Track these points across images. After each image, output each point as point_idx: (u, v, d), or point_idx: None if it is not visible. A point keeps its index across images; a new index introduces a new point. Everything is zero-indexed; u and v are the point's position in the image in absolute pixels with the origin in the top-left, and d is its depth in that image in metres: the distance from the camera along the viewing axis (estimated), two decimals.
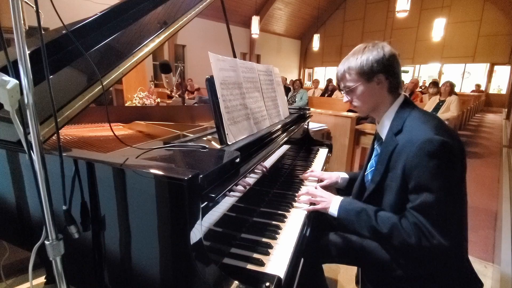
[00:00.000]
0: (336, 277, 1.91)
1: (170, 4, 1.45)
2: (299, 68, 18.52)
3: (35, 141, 0.68)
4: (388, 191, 1.01)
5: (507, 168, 3.64)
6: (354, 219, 1.02)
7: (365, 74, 1.01)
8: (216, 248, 0.85)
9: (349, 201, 1.09)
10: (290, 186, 1.42)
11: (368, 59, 0.99)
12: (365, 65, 1.00)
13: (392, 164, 0.98)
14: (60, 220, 0.77)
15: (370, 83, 1.02)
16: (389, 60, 1.00)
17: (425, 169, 0.87)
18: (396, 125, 1.01)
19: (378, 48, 1.00)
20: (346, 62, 1.05)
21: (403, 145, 0.95)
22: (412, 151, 0.90)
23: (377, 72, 1.00)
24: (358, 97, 1.06)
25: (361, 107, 1.09)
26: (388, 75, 1.02)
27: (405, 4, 6.14)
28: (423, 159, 0.87)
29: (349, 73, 1.04)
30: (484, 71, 13.39)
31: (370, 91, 1.03)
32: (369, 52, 1.00)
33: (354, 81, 1.04)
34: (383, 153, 1.03)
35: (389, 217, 0.96)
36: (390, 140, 1.01)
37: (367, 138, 3.16)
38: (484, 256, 2.19)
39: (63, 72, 1.07)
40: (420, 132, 0.92)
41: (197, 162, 0.88)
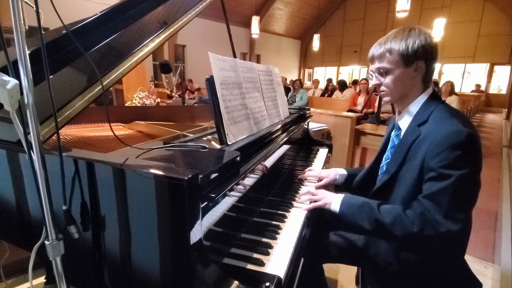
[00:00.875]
0: (336, 277, 1.91)
1: (170, 4, 1.45)
2: (299, 68, 18.52)
3: (35, 141, 0.68)
4: (402, 183, 0.99)
5: (507, 168, 3.64)
6: (356, 213, 1.01)
7: (407, 58, 0.96)
8: (216, 248, 0.85)
9: (351, 196, 1.08)
10: (290, 186, 1.42)
11: (415, 43, 0.95)
12: (410, 48, 0.95)
13: (410, 155, 0.96)
14: (60, 220, 0.77)
15: (408, 68, 0.98)
16: (434, 49, 0.98)
17: (448, 159, 0.86)
18: (421, 116, 0.98)
19: (426, 35, 0.97)
20: (387, 43, 0.99)
21: (425, 136, 0.93)
22: (436, 141, 0.88)
23: (419, 58, 0.96)
24: (392, 81, 1.01)
25: (391, 92, 1.03)
26: (428, 63, 0.98)
27: (405, 4, 6.13)
28: (447, 149, 0.86)
29: (391, 53, 0.98)
30: (484, 71, 13.39)
31: (406, 76, 0.99)
32: (415, 36, 0.96)
33: (394, 62, 0.98)
34: (402, 144, 1.01)
35: (393, 208, 0.96)
36: (412, 130, 0.99)
37: (367, 138, 3.15)
38: (484, 256, 2.19)
39: (63, 72, 1.07)
40: (448, 123, 0.90)
41: (197, 162, 0.88)
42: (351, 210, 1.03)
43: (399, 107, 1.10)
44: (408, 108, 1.04)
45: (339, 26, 16.40)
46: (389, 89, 1.03)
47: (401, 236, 0.91)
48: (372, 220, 0.97)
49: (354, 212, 1.02)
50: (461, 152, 0.85)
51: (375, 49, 1.03)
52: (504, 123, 8.65)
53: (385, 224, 0.93)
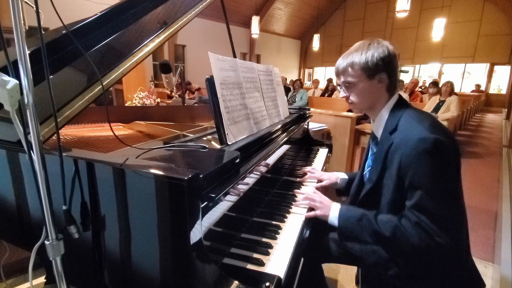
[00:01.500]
0: (336, 277, 1.91)
1: (170, 4, 1.45)
2: (299, 68, 18.52)
3: (35, 141, 0.68)
4: (385, 190, 1.00)
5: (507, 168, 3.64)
6: (355, 227, 1.01)
7: (369, 71, 1.00)
8: (216, 248, 0.85)
9: (348, 208, 1.08)
10: (290, 186, 1.42)
11: (374, 56, 0.98)
12: (369, 62, 0.99)
13: (388, 163, 0.98)
14: (60, 220, 0.77)
15: (372, 80, 1.01)
16: (393, 59, 1.00)
17: (420, 167, 0.87)
18: (391, 124, 1.01)
19: (383, 46, 0.99)
20: (349, 57, 1.03)
21: (397, 144, 0.95)
22: (407, 150, 0.90)
23: (381, 70, 0.99)
24: (357, 94, 1.05)
25: (358, 104, 1.07)
26: (390, 74, 1.02)
27: (405, 4, 6.14)
28: (417, 157, 0.87)
29: (352, 68, 1.02)
30: (484, 71, 13.39)
31: (370, 88, 1.03)
32: (374, 49, 0.99)
33: (356, 76, 1.02)
34: (378, 152, 1.03)
35: (389, 219, 0.95)
36: (385, 139, 1.01)
37: (367, 138, 3.14)
38: (484, 256, 2.19)
39: (63, 72, 1.07)
40: (414, 130, 0.92)
41: (197, 162, 0.88)
42: (350, 224, 1.03)
43: (370, 116, 1.12)
44: (378, 117, 1.08)
45: (339, 26, 16.40)
46: (356, 101, 1.06)
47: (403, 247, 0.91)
48: (372, 234, 0.97)
49: (353, 226, 1.02)
50: (432, 159, 0.86)
51: (339, 62, 1.07)
52: (504, 123, 8.66)
53: (386, 237, 0.93)
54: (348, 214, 1.05)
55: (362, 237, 0.99)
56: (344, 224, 1.04)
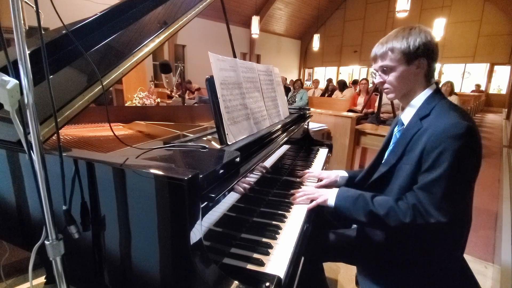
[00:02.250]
0: (336, 277, 1.91)
1: (170, 4, 1.45)
2: (299, 68, 18.52)
3: (35, 141, 0.68)
4: (399, 174, 1.00)
5: (507, 168, 3.64)
6: (351, 206, 1.02)
7: (409, 55, 0.99)
8: (216, 248, 0.85)
9: (346, 189, 1.09)
10: (290, 186, 1.42)
11: (416, 41, 0.97)
12: (411, 46, 0.98)
13: (410, 147, 0.98)
14: (60, 220, 0.77)
15: (411, 66, 1.00)
16: (434, 46, 1.00)
17: (446, 149, 0.86)
18: (424, 110, 1.00)
19: (426, 32, 0.99)
20: (388, 42, 1.02)
21: (426, 128, 0.95)
22: (437, 132, 0.90)
23: (421, 55, 0.98)
24: (395, 78, 1.03)
25: (394, 89, 1.05)
26: (430, 61, 1.00)
27: (405, 4, 6.13)
28: (446, 140, 0.87)
29: (393, 52, 1.01)
30: (484, 71, 13.39)
31: (409, 73, 1.01)
32: (416, 35, 0.98)
33: (396, 60, 1.01)
34: (404, 136, 1.02)
35: (386, 200, 0.97)
36: (415, 124, 1.00)
37: (367, 138, 3.15)
38: (484, 256, 2.19)
39: (63, 72, 1.07)
40: (448, 116, 0.92)
41: (197, 162, 0.88)
42: (347, 203, 1.04)
43: (402, 103, 1.11)
44: (411, 103, 1.06)
45: (339, 26, 16.40)
46: (392, 86, 1.05)
47: (394, 226, 0.93)
48: (367, 213, 0.98)
49: (349, 205, 1.03)
50: (460, 144, 0.86)
51: (377, 48, 1.05)
52: (504, 123, 8.66)
53: (379, 216, 0.95)
54: (345, 194, 1.06)
55: (356, 217, 1.00)
56: (341, 203, 1.05)
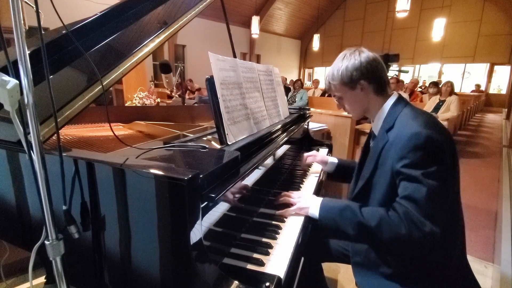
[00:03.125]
0: (336, 277, 1.91)
1: (170, 4, 1.45)
2: (299, 68, 18.52)
3: (35, 141, 0.68)
4: (377, 187, 1.00)
5: (507, 168, 3.64)
6: (338, 218, 0.97)
7: (348, 83, 1.03)
8: (216, 248, 0.85)
9: (330, 200, 1.05)
10: (290, 186, 1.42)
11: (347, 68, 1.02)
12: (345, 75, 1.02)
13: (381, 160, 0.99)
14: (60, 220, 0.77)
15: (355, 90, 1.04)
16: (367, 65, 1.01)
17: (411, 160, 0.88)
18: (388, 122, 1.02)
19: (355, 55, 1.02)
20: (329, 75, 1.09)
21: (392, 141, 0.96)
22: (400, 144, 0.91)
23: (357, 79, 1.02)
24: (349, 104, 1.10)
25: (354, 112, 1.12)
26: (370, 80, 1.02)
27: (405, 4, 6.14)
28: (409, 151, 0.88)
29: (333, 85, 1.08)
30: (484, 71, 13.39)
31: (357, 98, 1.06)
32: (346, 61, 1.02)
33: (340, 91, 1.07)
34: (373, 150, 1.04)
35: (375, 210, 0.93)
36: (382, 136, 1.02)
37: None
38: (484, 256, 2.19)
39: (63, 72, 1.07)
40: (409, 127, 0.93)
41: (197, 162, 0.88)
42: (332, 215, 0.99)
43: (369, 117, 1.14)
44: (376, 116, 1.09)
45: (339, 26, 16.40)
46: (350, 110, 1.12)
47: (388, 239, 0.88)
48: (356, 225, 0.93)
49: (335, 217, 0.98)
50: (422, 153, 0.87)
51: (325, 79, 1.14)
52: (504, 123, 8.66)
53: (370, 227, 0.90)
54: (329, 205, 1.02)
55: (344, 229, 0.95)
56: (325, 215, 1.00)
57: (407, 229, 0.84)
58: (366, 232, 0.91)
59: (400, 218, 0.86)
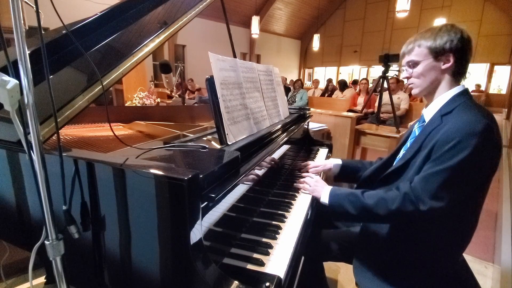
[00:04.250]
0: (336, 277, 1.91)
1: (170, 4, 1.45)
2: (299, 68, 18.51)
3: (35, 141, 0.68)
4: (410, 170, 0.99)
5: (507, 168, 3.64)
6: (342, 201, 1.05)
7: (436, 51, 0.98)
8: (216, 248, 0.85)
9: (338, 188, 1.12)
10: (290, 186, 1.42)
11: (443, 37, 0.97)
12: (438, 42, 0.97)
13: (426, 142, 0.96)
14: (60, 220, 0.77)
15: (437, 61, 0.99)
16: (464, 44, 0.97)
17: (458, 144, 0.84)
18: (447, 108, 0.97)
19: (456, 29, 0.97)
20: (418, 38, 1.02)
21: (445, 124, 0.93)
22: (453, 127, 0.88)
23: (448, 51, 0.97)
24: (420, 73, 1.02)
25: (420, 84, 1.03)
26: (458, 58, 0.98)
27: (405, 4, 6.13)
28: (460, 136, 0.85)
29: (419, 47, 1.00)
30: (484, 71, 13.39)
31: (434, 69, 1.00)
32: (445, 31, 0.97)
33: (422, 55, 1.00)
34: (423, 132, 1.01)
35: (376, 192, 1.00)
36: (435, 120, 0.98)
37: (367, 138, 3.15)
38: (484, 256, 2.19)
39: (63, 72, 1.07)
40: (468, 113, 0.90)
41: (197, 162, 0.88)
42: (339, 200, 1.07)
43: (427, 100, 1.09)
44: (436, 100, 1.03)
45: (339, 26, 16.38)
46: (417, 81, 1.03)
47: (383, 216, 0.95)
48: (357, 206, 1.00)
49: (341, 201, 1.06)
50: (475, 141, 0.83)
51: (405, 45, 1.06)
52: (504, 123, 8.65)
53: (369, 206, 0.97)
54: (337, 192, 1.10)
55: (349, 211, 1.02)
56: (333, 201, 1.09)
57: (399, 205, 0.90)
58: (365, 211, 0.99)
59: (397, 195, 0.91)
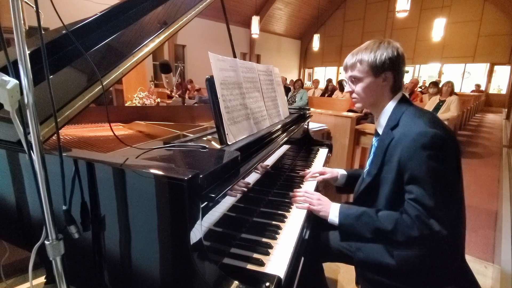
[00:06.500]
0: (336, 277, 1.91)
1: (170, 4, 1.45)
2: (299, 68, 18.51)
3: (35, 141, 0.68)
4: (384, 184, 1.04)
5: (507, 168, 3.64)
6: (356, 223, 1.04)
7: (376, 69, 1.03)
8: (216, 248, 0.85)
9: (347, 206, 1.11)
10: (290, 186, 1.42)
11: (382, 55, 1.02)
12: (378, 60, 1.02)
13: (387, 157, 1.02)
14: (60, 220, 0.77)
15: (377, 78, 1.05)
16: (400, 60, 1.04)
17: (419, 160, 0.90)
18: (393, 120, 1.05)
19: (393, 47, 1.04)
20: (358, 54, 1.07)
21: (398, 139, 0.99)
22: (407, 144, 0.94)
23: (387, 69, 1.03)
24: (362, 89, 1.08)
25: (361, 99, 1.11)
26: (396, 74, 1.05)
27: (405, 4, 6.14)
28: (416, 150, 0.91)
29: (361, 64, 1.06)
30: (484, 71, 13.38)
31: (374, 86, 1.06)
32: (384, 49, 1.03)
33: (363, 72, 1.06)
34: (379, 147, 1.07)
35: (390, 214, 0.98)
36: (387, 134, 1.04)
37: (367, 138, 3.15)
38: (484, 256, 2.19)
39: (63, 72, 1.07)
40: (415, 125, 0.96)
41: (197, 162, 0.88)
42: (351, 221, 1.05)
43: (374, 114, 1.16)
44: (381, 114, 1.11)
45: (339, 26, 16.40)
46: (360, 96, 1.10)
47: (402, 240, 0.94)
48: (373, 229, 0.99)
49: (353, 222, 1.04)
50: (430, 152, 0.89)
51: (348, 58, 1.11)
52: (504, 123, 8.65)
53: (386, 231, 0.96)
54: (348, 212, 1.08)
55: (362, 233, 1.02)
56: (345, 222, 1.07)
57: (419, 230, 0.90)
58: (382, 235, 0.98)
59: (413, 220, 0.91)
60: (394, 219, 0.95)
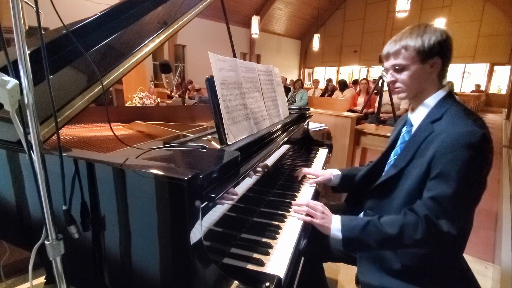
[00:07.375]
0: (336, 277, 1.91)
1: (170, 4, 1.45)
2: (299, 68, 18.51)
3: (35, 141, 0.68)
4: (408, 178, 0.98)
5: (507, 168, 3.64)
6: (361, 235, 0.96)
7: (423, 54, 0.95)
8: (216, 248, 0.85)
9: (349, 218, 1.03)
10: (290, 186, 1.42)
11: (431, 39, 0.94)
12: (426, 44, 0.95)
13: (420, 151, 0.95)
14: (60, 220, 0.77)
15: (424, 65, 0.97)
16: (450, 45, 0.97)
17: (456, 158, 0.85)
18: (436, 113, 0.97)
19: (441, 31, 0.96)
20: (402, 39, 0.98)
21: (438, 133, 0.92)
22: (449, 139, 0.87)
23: (436, 54, 0.95)
24: (408, 77, 0.99)
25: (406, 89, 1.02)
26: (444, 60, 0.98)
27: (405, 4, 6.14)
28: (458, 148, 0.85)
29: (406, 50, 0.97)
30: (484, 71, 13.38)
31: (422, 73, 0.98)
32: (431, 33, 0.95)
33: (410, 59, 0.97)
34: (413, 139, 1.00)
35: (394, 218, 0.94)
36: (425, 127, 0.97)
37: (367, 138, 3.15)
38: (484, 256, 2.19)
39: (63, 72, 1.07)
40: (462, 123, 0.89)
41: (197, 162, 0.88)
42: (355, 233, 0.98)
43: (413, 104, 1.08)
44: (422, 104, 1.02)
45: (339, 26, 16.39)
46: (405, 86, 1.01)
47: (408, 243, 0.90)
48: (379, 238, 0.93)
49: (358, 234, 0.97)
50: (473, 153, 0.84)
51: (390, 46, 1.02)
52: (504, 123, 8.64)
53: (393, 237, 0.91)
54: (351, 224, 1.00)
55: (369, 244, 0.96)
56: (350, 235, 0.99)
57: (424, 230, 0.86)
58: (389, 242, 0.93)
59: (418, 221, 0.88)
60: (398, 222, 0.91)
